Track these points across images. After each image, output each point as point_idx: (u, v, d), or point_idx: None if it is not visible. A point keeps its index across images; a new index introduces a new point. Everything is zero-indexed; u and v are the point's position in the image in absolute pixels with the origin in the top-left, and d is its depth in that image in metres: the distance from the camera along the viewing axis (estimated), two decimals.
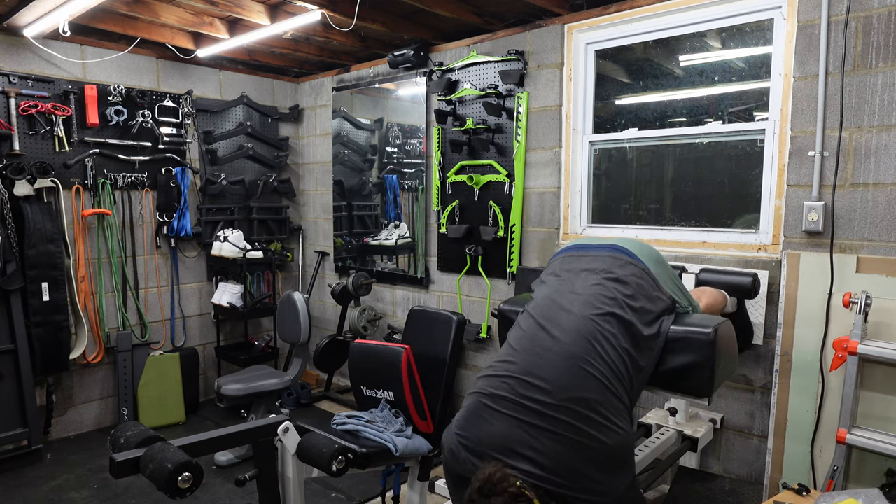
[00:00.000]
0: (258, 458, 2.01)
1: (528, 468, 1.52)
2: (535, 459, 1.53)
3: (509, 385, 1.63)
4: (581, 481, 1.52)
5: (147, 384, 4.08)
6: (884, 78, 2.42)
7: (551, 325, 1.72)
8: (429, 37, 3.87)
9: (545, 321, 1.75)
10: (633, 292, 1.77)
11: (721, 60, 3.09)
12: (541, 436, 1.54)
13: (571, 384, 1.58)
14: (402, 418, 2.56)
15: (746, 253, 2.86)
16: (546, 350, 1.67)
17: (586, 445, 1.53)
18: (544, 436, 1.54)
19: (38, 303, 3.56)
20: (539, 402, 1.57)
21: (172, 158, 4.24)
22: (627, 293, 1.76)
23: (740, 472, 2.92)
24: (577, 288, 1.81)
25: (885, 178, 2.45)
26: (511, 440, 1.56)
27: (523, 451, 1.54)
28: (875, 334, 2.40)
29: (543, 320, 1.75)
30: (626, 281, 1.79)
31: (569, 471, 1.52)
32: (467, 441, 1.63)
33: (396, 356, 2.53)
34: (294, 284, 5.15)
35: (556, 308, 1.77)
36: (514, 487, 1.40)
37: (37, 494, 3.21)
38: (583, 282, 1.82)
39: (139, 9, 3.41)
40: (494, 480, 1.41)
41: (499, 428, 1.59)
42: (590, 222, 3.46)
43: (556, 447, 1.53)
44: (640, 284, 1.80)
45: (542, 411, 1.56)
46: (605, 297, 1.75)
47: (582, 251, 1.98)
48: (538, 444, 1.54)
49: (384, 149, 4.61)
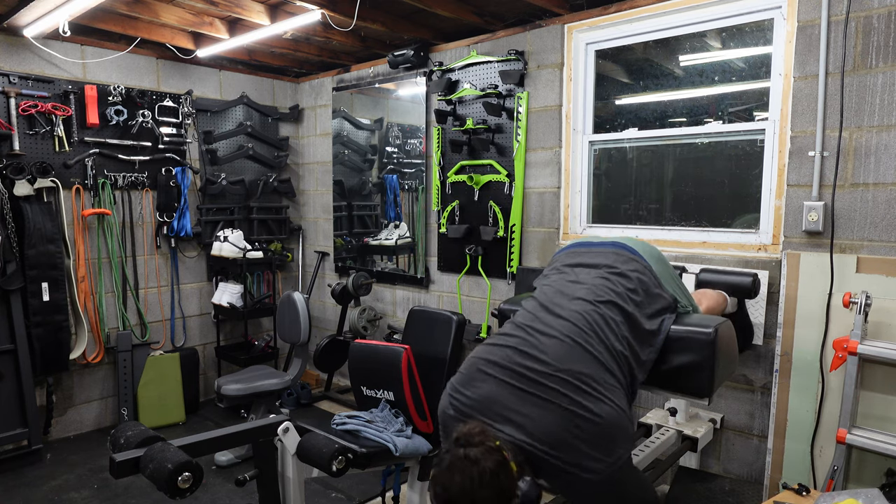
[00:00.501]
0: (258, 458, 2.01)
1: (513, 432, 1.53)
2: (522, 424, 1.53)
3: (506, 353, 1.66)
4: (567, 452, 1.51)
5: (147, 384, 4.08)
6: (884, 78, 2.42)
7: (554, 307, 1.75)
8: (429, 37, 3.87)
9: (548, 303, 1.78)
10: (636, 287, 1.79)
11: (721, 60, 3.09)
12: (530, 401, 1.56)
13: (568, 358, 1.60)
14: (402, 418, 2.56)
15: (746, 253, 2.86)
16: (547, 326, 1.69)
17: (577, 415, 1.53)
18: (534, 402, 1.55)
19: (38, 303, 3.56)
20: (533, 371, 1.59)
21: (172, 158, 4.24)
22: (630, 287, 1.78)
23: (740, 472, 2.92)
24: (580, 278, 1.84)
25: (885, 178, 2.45)
26: (500, 403, 1.58)
27: (510, 415, 1.55)
28: (875, 334, 2.40)
29: (547, 302, 1.79)
30: (628, 276, 1.82)
31: (555, 440, 1.52)
32: (458, 402, 1.65)
33: (396, 356, 2.53)
34: (294, 284, 5.15)
35: (559, 295, 1.81)
36: (492, 443, 1.39)
37: (37, 494, 3.21)
38: (586, 274, 1.86)
39: (139, 9, 3.41)
40: (473, 433, 1.41)
41: (489, 390, 1.61)
42: (590, 222, 3.46)
43: (545, 414, 1.53)
44: (642, 280, 1.82)
45: (536, 379, 1.58)
46: (608, 288, 1.78)
47: (585, 248, 2.02)
48: (526, 410, 1.55)
49: (384, 149, 4.61)
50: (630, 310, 1.73)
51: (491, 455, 1.37)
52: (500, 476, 1.35)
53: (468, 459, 1.35)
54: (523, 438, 1.52)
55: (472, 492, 1.33)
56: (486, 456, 1.36)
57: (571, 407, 1.54)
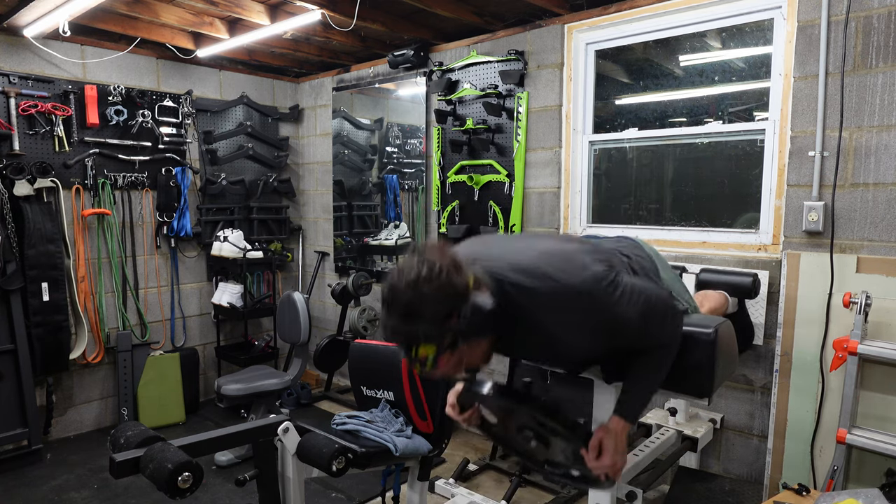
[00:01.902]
0: (258, 458, 2.01)
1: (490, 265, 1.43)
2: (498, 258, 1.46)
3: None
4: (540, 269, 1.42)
5: (147, 384, 4.08)
6: (884, 78, 2.42)
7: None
8: (429, 37, 3.87)
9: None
10: (637, 269, 1.78)
11: (721, 60, 3.09)
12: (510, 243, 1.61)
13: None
14: (402, 418, 2.55)
15: (746, 253, 2.86)
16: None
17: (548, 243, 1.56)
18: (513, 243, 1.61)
19: (38, 303, 3.56)
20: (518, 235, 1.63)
21: (172, 158, 4.24)
22: (633, 267, 1.77)
23: (740, 472, 2.92)
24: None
25: (885, 178, 2.45)
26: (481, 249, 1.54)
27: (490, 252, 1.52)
28: (875, 334, 2.40)
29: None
30: (631, 258, 1.80)
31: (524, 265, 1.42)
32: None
33: (396, 356, 2.52)
34: (294, 284, 5.15)
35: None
36: (450, 255, 1.32)
37: (37, 494, 3.21)
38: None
39: (139, 9, 3.41)
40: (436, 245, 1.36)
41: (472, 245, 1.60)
42: (590, 222, 3.46)
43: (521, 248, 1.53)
44: (643, 266, 1.82)
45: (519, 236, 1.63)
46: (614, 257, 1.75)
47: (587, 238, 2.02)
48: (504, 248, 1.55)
49: (384, 149, 4.60)
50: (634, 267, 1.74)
51: (445, 259, 1.28)
52: (449, 274, 1.26)
53: (420, 260, 1.28)
54: (498, 268, 1.41)
55: (417, 286, 1.25)
56: (441, 259, 1.28)
57: (544, 242, 1.55)
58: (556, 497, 2.94)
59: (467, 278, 1.30)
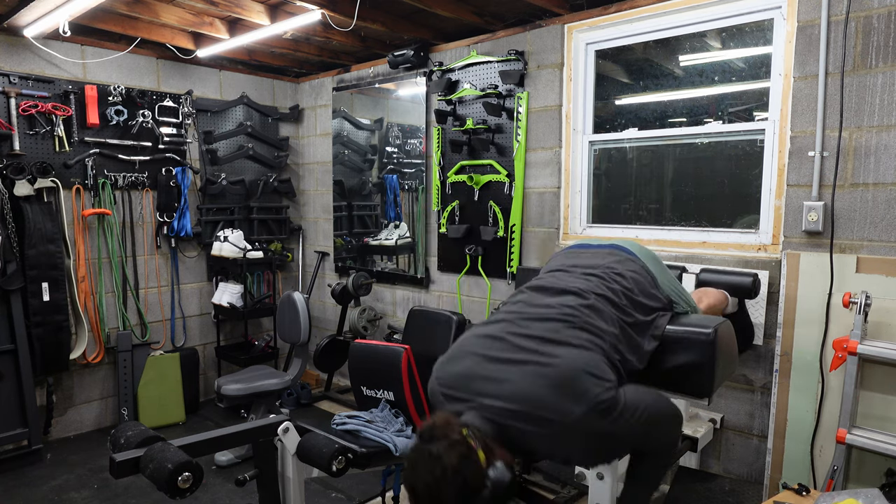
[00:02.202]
0: (258, 458, 2.01)
1: (490, 402, 1.52)
2: (496, 393, 1.52)
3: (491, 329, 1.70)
4: (538, 404, 1.49)
5: (147, 384, 4.08)
6: (884, 78, 2.42)
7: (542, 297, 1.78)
8: (429, 37, 3.87)
9: (538, 294, 1.80)
10: (631, 286, 1.81)
11: (721, 60, 3.09)
12: (505, 368, 1.56)
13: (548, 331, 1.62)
14: (402, 418, 2.56)
15: (746, 253, 2.86)
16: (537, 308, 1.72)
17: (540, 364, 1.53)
18: (508, 368, 1.56)
19: (38, 303, 3.56)
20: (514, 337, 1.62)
21: (172, 158, 4.24)
22: (626, 286, 1.80)
23: (740, 472, 2.92)
24: (576, 275, 1.86)
25: (885, 178, 2.45)
26: (478, 376, 1.58)
27: (486, 386, 1.55)
28: (875, 334, 2.40)
29: (537, 293, 1.81)
30: (624, 275, 1.83)
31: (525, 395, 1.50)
32: (440, 378, 1.67)
33: (396, 356, 2.53)
34: (294, 284, 5.15)
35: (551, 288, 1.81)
36: (457, 435, 1.38)
37: (37, 494, 3.21)
38: (582, 271, 1.86)
39: (139, 9, 3.41)
40: (437, 425, 1.40)
41: (468, 365, 1.63)
42: (590, 222, 3.46)
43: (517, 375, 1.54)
44: (638, 280, 1.83)
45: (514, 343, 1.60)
46: (604, 285, 1.78)
47: (582, 249, 2.03)
48: (501, 376, 1.55)
49: (384, 149, 4.61)
50: (623, 303, 1.75)
51: (454, 449, 1.35)
52: (463, 470, 1.34)
53: (431, 456, 1.35)
54: (499, 405, 1.50)
55: (436, 489, 1.34)
56: (449, 451, 1.35)
57: (535, 358, 1.55)
58: (556, 497, 2.94)
59: (479, 459, 1.37)
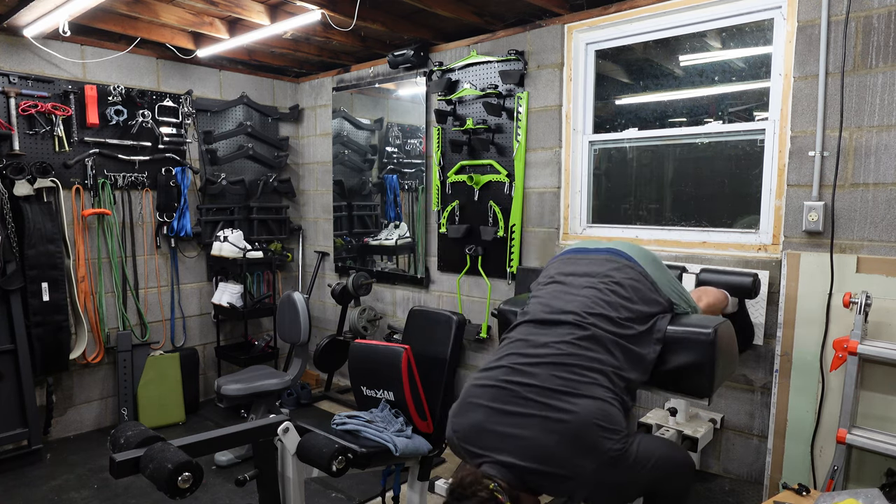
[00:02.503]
0: (258, 458, 2.01)
1: (504, 458, 1.54)
2: (510, 448, 1.54)
3: (494, 375, 1.70)
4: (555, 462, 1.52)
5: (147, 384, 4.08)
6: (884, 78, 2.42)
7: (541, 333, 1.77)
8: (429, 37, 3.87)
9: (537, 326, 1.80)
10: (630, 295, 1.81)
11: (721, 60, 3.09)
12: (513, 421, 1.57)
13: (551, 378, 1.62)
14: (402, 418, 2.55)
15: (746, 253, 2.86)
16: (536, 350, 1.71)
17: (550, 419, 1.54)
18: (516, 421, 1.57)
19: (38, 303, 3.56)
20: (518, 387, 1.62)
21: (172, 158, 4.24)
22: (625, 295, 1.79)
23: (740, 472, 2.92)
24: (573, 290, 1.85)
25: (885, 178, 2.45)
26: (488, 431, 1.60)
27: (498, 442, 1.57)
28: (875, 334, 2.40)
29: (536, 325, 1.81)
30: (622, 283, 1.83)
31: (541, 453, 1.52)
32: (455, 431, 1.69)
33: (396, 356, 2.52)
34: (294, 284, 5.15)
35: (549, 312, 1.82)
36: (485, 491, 1.41)
37: (37, 494, 3.21)
38: (579, 285, 1.86)
39: (139, 9, 3.41)
40: (465, 484, 1.44)
41: (477, 418, 1.64)
42: (590, 222, 3.46)
43: (527, 431, 1.55)
44: (636, 288, 1.83)
45: (519, 394, 1.61)
46: (601, 299, 1.79)
47: (580, 254, 2.01)
48: (511, 431, 1.56)
49: (384, 149, 4.60)
50: (622, 317, 1.75)
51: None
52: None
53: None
54: (514, 462, 1.53)
55: None
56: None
57: (544, 413, 1.55)
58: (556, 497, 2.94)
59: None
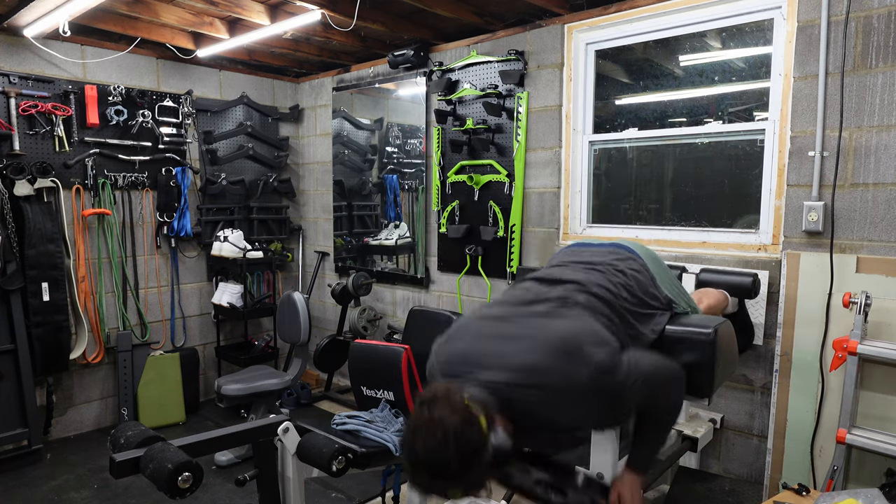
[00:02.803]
0: (258, 458, 2.01)
1: (490, 375, 1.49)
2: (496, 365, 1.51)
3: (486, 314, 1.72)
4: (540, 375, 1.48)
5: (147, 384, 4.08)
6: (884, 78, 2.42)
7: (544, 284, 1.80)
8: (429, 37, 3.87)
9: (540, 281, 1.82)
10: (632, 283, 1.81)
11: (721, 60, 3.09)
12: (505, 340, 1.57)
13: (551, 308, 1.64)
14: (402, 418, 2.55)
15: (746, 253, 2.86)
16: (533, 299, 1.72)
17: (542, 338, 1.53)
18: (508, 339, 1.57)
19: (38, 303, 3.56)
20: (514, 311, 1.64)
21: (172, 158, 4.24)
22: (627, 282, 1.80)
23: (740, 472, 2.92)
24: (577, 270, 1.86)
25: (885, 178, 2.45)
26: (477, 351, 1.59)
27: (487, 359, 1.54)
28: (875, 334, 2.40)
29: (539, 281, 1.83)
30: (625, 272, 1.83)
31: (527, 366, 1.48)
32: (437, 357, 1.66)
33: (396, 356, 2.53)
34: (294, 284, 5.15)
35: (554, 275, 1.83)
36: (458, 401, 1.36)
37: (37, 494, 3.21)
38: (584, 266, 1.87)
39: (139, 9, 3.41)
40: (437, 394, 1.39)
41: (464, 343, 1.64)
42: (590, 222, 3.46)
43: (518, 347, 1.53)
44: (638, 279, 1.83)
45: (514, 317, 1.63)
46: (606, 279, 1.79)
47: (583, 247, 2.04)
48: (501, 348, 1.55)
49: (384, 149, 4.60)
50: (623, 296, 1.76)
51: (456, 413, 1.34)
52: (465, 432, 1.32)
53: (432, 420, 1.33)
54: (501, 377, 1.48)
55: (438, 451, 1.31)
56: (452, 415, 1.33)
57: (535, 332, 1.54)
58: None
59: (481, 424, 1.35)
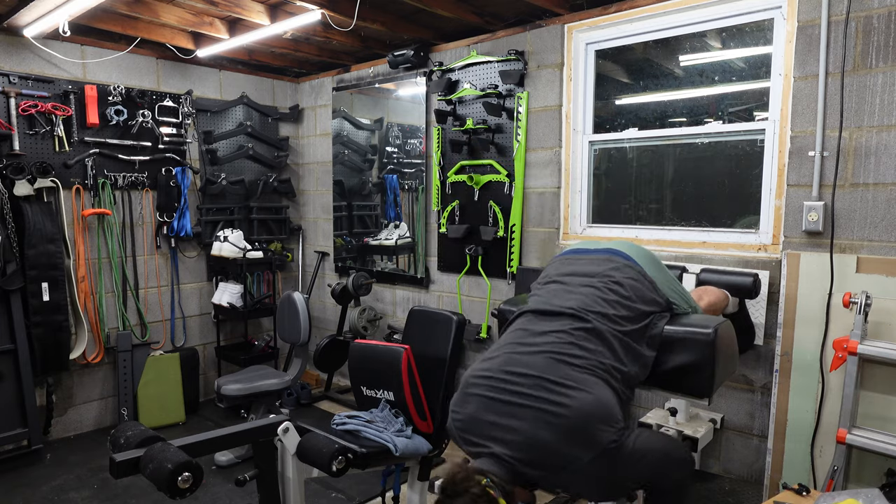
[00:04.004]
0: (258, 458, 2.01)
1: (500, 449, 1.56)
2: (505, 439, 1.56)
3: (492, 365, 1.73)
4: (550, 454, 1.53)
5: (147, 384, 4.08)
6: (884, 78, 2.42)
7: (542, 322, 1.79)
8: (429, 37, 3.87)
9: (536, 319, 1.82)
10: (629, 294, 1.81)
11: (721, 60, 3.09)
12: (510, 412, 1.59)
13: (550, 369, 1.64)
14: (402, 418, 2.56)
15: (746, 253, 2.86)
16: (534, 340, 1.74)
17: (546, 412, 1.55)
18: (513, 412, 1.59)
19: (38, 303, 3.56)
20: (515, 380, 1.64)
21: (172, 158, 4.24)
22: (625, 294, 1.80)
23: (740, 472, 2.92)
24: (573, 289, 1.86)
25: (885, 178, 2.45)
26: (484, 421, 1.62)
27: (495, 431, 1.59)
28: (875, 334, 2.40)
29: (535, 319, 1.83)
30: (622, 283, 1.84)
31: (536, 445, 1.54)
32: (455, 420, 1.71)
33: (396, 356, 2.52)
34: (294, 284, 5.15)
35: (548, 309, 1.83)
36: (477, 487, 1.41)
37: (37, 494, 3.21)
38: (579, 284, 1.87)
39: (139, 9, 3.41)
40: (457, 480, 1.43)
41: (475, 408, 1.66)
42: (590, 222, 3.46)
43: (523, 423, 1.57)
44: (635, 287, 1.84)
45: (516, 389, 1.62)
46: (600, 297, 1.79)
47: (580, 255, 2.02)
48: (508, 422, 1.58)
49: (384, 149, 4.60)
50: (620, 314, 1.76)
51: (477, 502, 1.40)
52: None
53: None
54: (510, 454, 1.55)
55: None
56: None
57: (540, 405, 1.57)
58: (556, 497, 2.95)
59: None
